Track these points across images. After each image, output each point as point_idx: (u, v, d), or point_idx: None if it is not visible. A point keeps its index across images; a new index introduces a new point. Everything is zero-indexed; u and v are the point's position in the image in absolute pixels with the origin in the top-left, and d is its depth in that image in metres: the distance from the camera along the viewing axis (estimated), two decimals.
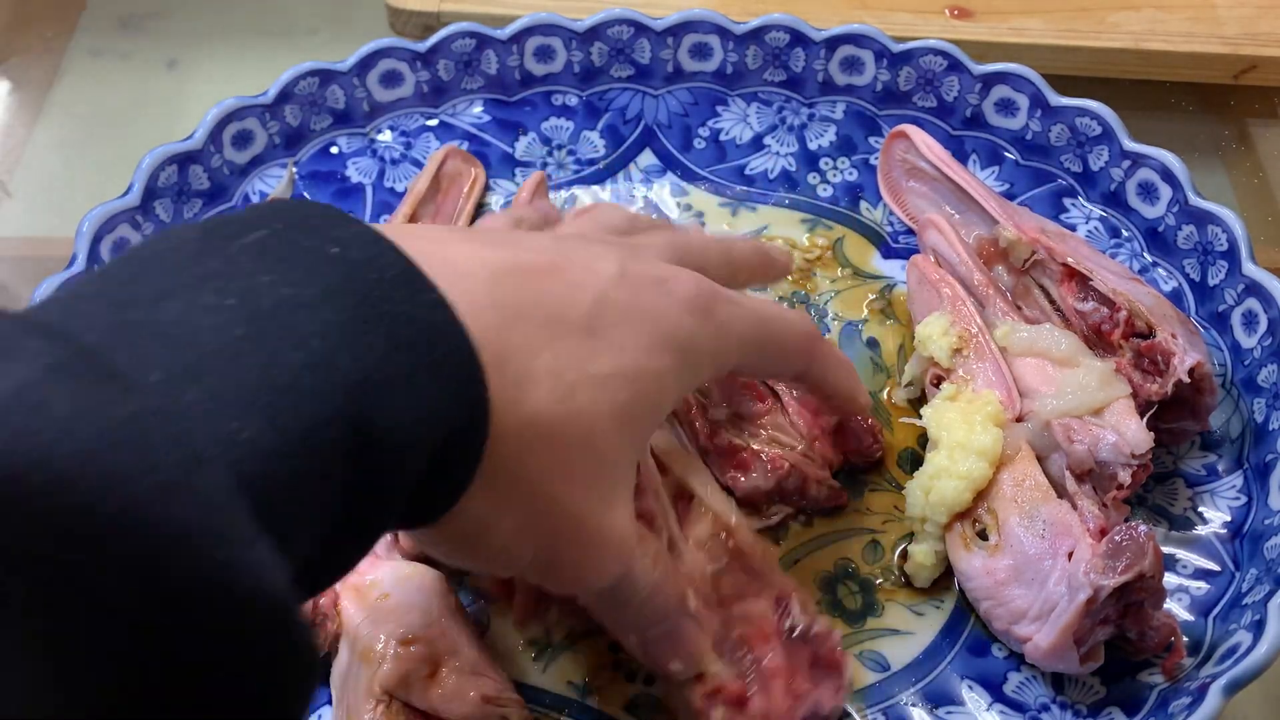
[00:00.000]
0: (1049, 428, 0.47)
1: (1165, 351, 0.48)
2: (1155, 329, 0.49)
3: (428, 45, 0.62)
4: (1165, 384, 0.48)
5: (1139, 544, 0.43)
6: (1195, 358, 0.48)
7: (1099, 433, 0.46)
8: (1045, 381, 0.49)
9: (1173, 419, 0.50)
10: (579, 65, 0.63)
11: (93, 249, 0.54)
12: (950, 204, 0.58)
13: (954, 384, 0.50)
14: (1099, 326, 0.50)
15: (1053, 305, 0.52)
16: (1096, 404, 0.47)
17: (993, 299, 0.52)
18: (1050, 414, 0.47)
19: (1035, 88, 0.60)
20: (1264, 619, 0.44)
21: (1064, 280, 0.51)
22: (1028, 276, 0.53)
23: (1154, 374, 0.48)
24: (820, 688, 0.45)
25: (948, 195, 0.58)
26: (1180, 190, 0.56)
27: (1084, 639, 0.44)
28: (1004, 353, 0.50)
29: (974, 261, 0.54)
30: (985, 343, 0.50)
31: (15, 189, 0.70)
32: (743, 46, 0.63)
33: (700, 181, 0.63)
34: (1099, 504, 0.46)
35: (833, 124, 0.64)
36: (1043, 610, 0.44)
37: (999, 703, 0.48)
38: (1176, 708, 0.44)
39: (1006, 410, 0.48)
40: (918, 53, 0.61)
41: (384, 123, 0.63)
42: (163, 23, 0.78)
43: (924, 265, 0.55)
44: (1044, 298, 0.52)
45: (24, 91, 0.74)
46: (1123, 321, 0.50)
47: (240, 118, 0.60)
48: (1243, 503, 0.51)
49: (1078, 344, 0.49)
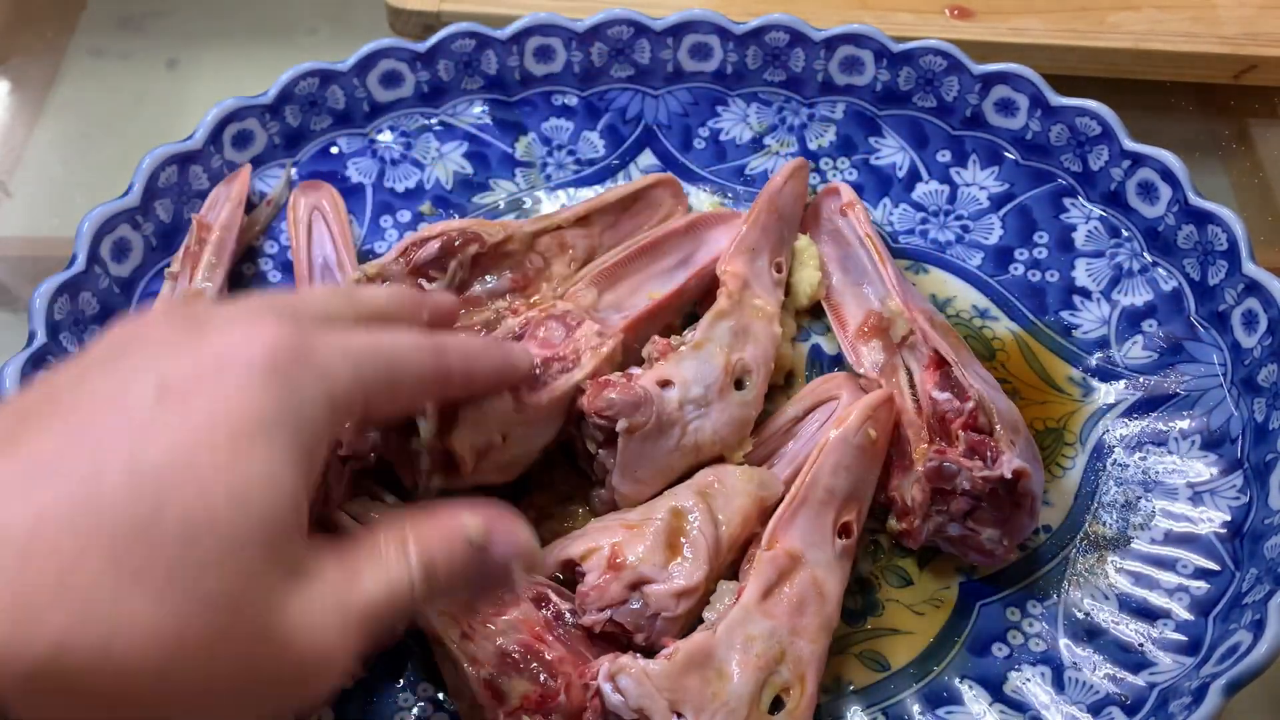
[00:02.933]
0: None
1: (995, 450, 0.48)
2: (995, 429, 0.49)
3: (428, 45, 0.62)
4: (989, 473, 0.47)
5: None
6: (1023, 465, 0.47)
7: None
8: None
9: (981, 522, 0.49)
10: (579, 65, 0.63)
11: (93, 249, 0.54)
12: (855, 271, 0.58)
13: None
14: (944, 415, 0.50)
15: (911, 389, 0.52)
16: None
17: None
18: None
19: (1035, 88, 0.60)
20: (1264, 619, 0.44)
21: (929, 366, 0.52)
22: (898, 356, 0.54)
23: (983, 465, 0.48)
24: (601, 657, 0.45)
25: (858, 261, 0.58)
26: (1180, 190, 0.56)
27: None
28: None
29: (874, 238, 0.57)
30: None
31: (15, 189, 0.70)
32: (743, 47, 0.63)
33: (700, 182, 0.63)
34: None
35: (833, 124, 0.64)
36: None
37: (999, 702, 0.48)
38: (1176, 707, 0.44)
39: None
40: (918, 53, 0.61)
41: (384, 123, 0.63)
42: (163, 23, 0.78)
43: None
44: (906, 380, 0.53)
45: (24, 91, 0.74)
46: (967, 413, 0.49)
47: (240, 118, 0.60)
48: (1243, 502, 0.51)
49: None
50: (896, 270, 0.57)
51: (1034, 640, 0.49)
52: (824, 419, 0.53)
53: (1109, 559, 0.51)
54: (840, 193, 0.59)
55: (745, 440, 0.52)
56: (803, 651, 0.45)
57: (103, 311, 0.55)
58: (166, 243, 0.58)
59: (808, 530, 0.48)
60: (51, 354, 0.52)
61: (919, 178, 0.62)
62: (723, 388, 0.51)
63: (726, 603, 0.46)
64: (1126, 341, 0.57)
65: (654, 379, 0.50)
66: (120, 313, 0.56)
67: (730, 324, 0.53)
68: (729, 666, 0.43)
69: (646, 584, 0.46)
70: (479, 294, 0.54)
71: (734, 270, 0.55)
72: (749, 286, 0.55)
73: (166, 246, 0.58)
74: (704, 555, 0.46)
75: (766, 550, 0.47)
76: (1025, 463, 0.47)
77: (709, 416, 0.50)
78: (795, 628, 0.45)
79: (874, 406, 0.50)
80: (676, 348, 0.52)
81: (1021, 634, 0.50)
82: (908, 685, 0.48)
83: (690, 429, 0.50)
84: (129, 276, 0.57)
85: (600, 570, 0.46)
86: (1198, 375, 0.55)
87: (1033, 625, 0.50)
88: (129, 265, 0.57)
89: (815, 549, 0.47)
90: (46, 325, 0.52)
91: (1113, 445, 0.54)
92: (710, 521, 0.47)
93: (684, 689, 0.42)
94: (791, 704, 0.44)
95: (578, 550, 0.47)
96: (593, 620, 0.46)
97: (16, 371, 0.50)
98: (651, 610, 0.45)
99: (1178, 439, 0.54)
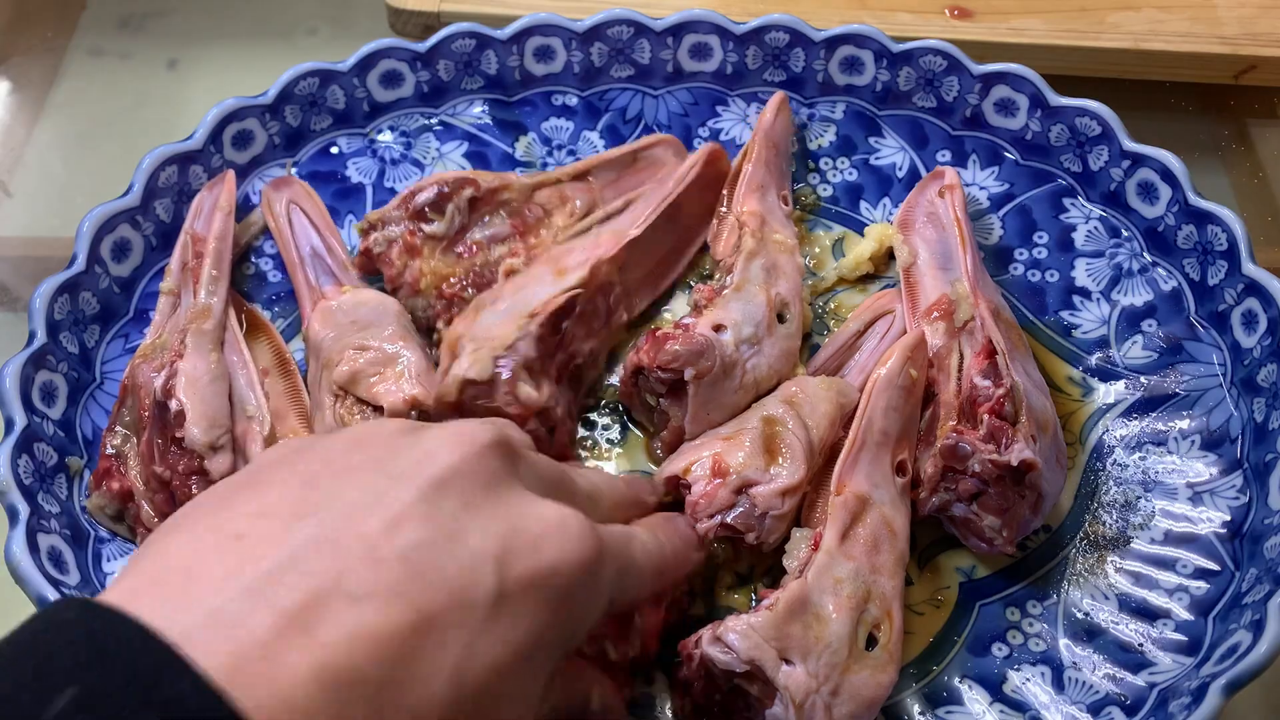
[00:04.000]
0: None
1: (1011, 438, 0.48)
2: (1020, 420, 0.49)
3: (428, 45, 0.62)
4: (997, 457, 0.47)
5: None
6: (1033, 457, 0.47)
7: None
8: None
9: (986, 508, 0.49)
10: (579, 65, 0.63)
11: (93, 249, 0.54)
12: (941, 253, 0.58)
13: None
14: (976, 399, 0.50)
15: (959, 374, 0.53)
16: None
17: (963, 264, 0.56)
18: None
19: (1035, 88, 0.60)
20: (1263, 619, 0.44)
21: (980, 353, 0.52)
22: (957, 340, 0.54)
23: (995, 449, 0.48)
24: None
25: (946, 244, 0.58)
26: (1180, 190, 0.56)
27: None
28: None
29: (966, 225, 0.57)
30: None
31: (15, 189, 0.70)
32: (743, 47, 0.63)
33: None
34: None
35: (833, 124, 0.64)
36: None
37: (999, 702, 0.48)
38: (1176, 707, 0.44)
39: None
40: (917, 53, 0.61)
41: (384, 123, 0.63)
42: (163, 23, 0.78)
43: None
44: (956, 363, 0.53)
45: (24, 91, 0.75)
46: (995, 398, 0.49)
47: (240, 118, 0.60)
48: (1242, 502, 0.51)
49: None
50: (976, 259, 0.57)
51: (1034, 640, 0.49)
52: (884, 330, 0.57)
53: (1109, 559, 0.51)
54: (945, 175, 0.60)
55: (797, 366, 0.55)
56: (885, 588, 0.47)
57: (103, 311, 0.55)
58: (166, 243, 0.58)
59: (871, 472, 0.49)
60: (51, 354, 0.52)
61: (919, 178, 0.62)
62: (770, 324, 0.54)
63: (804, 549, 0.48)
64: (1126, 341, 0.57)
65: (708, 325, 0.52)
66: (120, 312, 0.56)
67: (761, 261, 0.56)
68: (825, 610, 0.45)
69: (752, 486, 0.48)
70: (480, 239, 0.56)
71: (751, 209, 0.58)
72: (766, 223, 0.57)
73: (166, 246, 0.58)
74: (801, 455, 0.49)
75: (836, 495, 0.48)
76: (1038, 457, 0.47)
77: (762, 353, 0.53)
78: (875, 566, 0.47)
79: (911, 347, 0.52)
80: (719, 291, 0.54)
81: (1021, 634, 0.50)
82: (908, 685, 0.48)
83: (749, 367, 0.53)
84: (129, 276, 0.57)
85: (705, 479, 0.48)
86: (1197, 375, 0.55)
87: (1033, 625, 0.50)
88: (129, 265, 0.57)
89: (879, 489, 0.49)
90: (46, 325, 0.52)
91: (1112, 445, 0.54)
92: (801, 426, 0.50)
93: (789, 636, 0.44)
94: (884, 638, 0.46)
95: (679, 465, 0.50)
96: (706, 527, 0.48)
97: (16, 371, 0.50)
98: (760, 509, 0.48)
99: (1177, 439, 0.54)
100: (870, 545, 0.47)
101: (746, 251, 0.56)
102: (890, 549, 0.48)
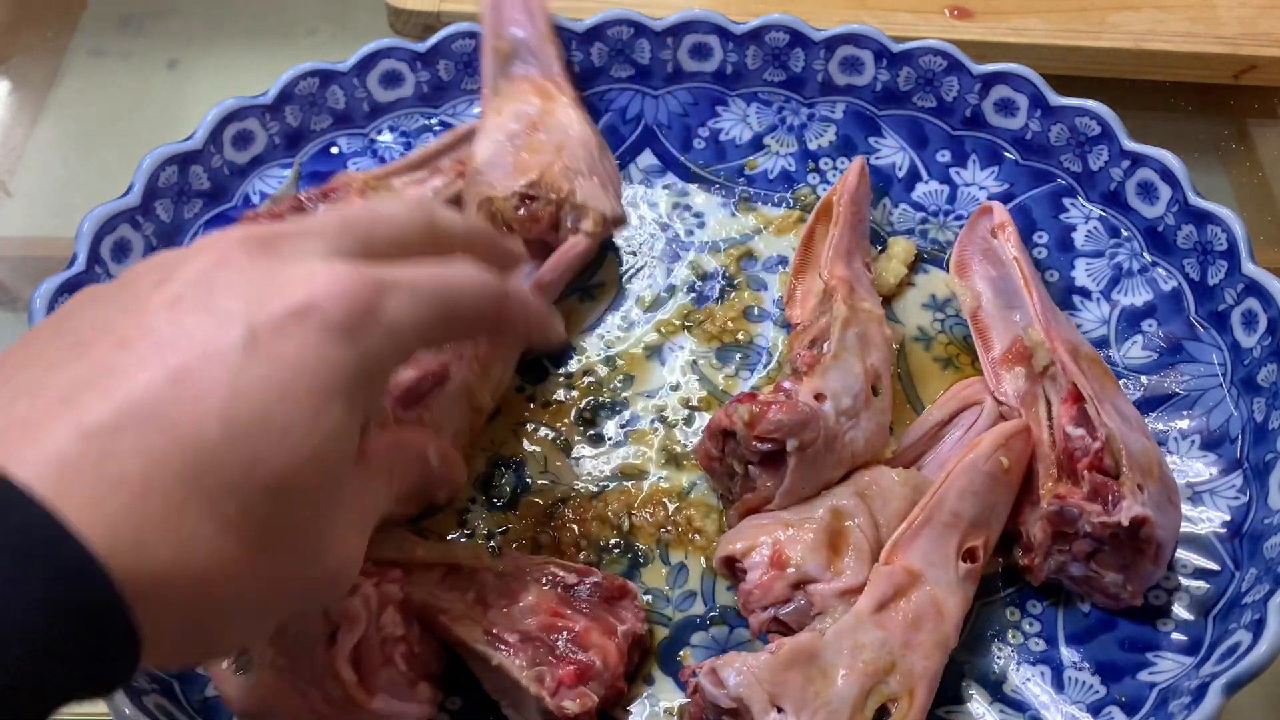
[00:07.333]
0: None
1: (1118, 494, 0.46)
2: (1122, 471, 0.47)
3: (428, 45, 0.62)
4: (1106, 519, 0.46)
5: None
6: (1143, 512, 0.46)
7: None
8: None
9: (1104, 565, 0.48)
10: (579, 65, 0.63)
11: (93, 249, 0.54)
12: (1006, 293, 0.56)
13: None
14: (1072, 452, 0.49)
15: (1049, 422, 0.51)
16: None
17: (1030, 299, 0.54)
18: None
19: (1035, 88, 0.60)
20: (1264, 618, 0.44)
21: (1066, 400, 0.50)
22: (1040, 385, 0.52)
23: (1103, 510, 0.47)
24: (623, 613, 0.47)
25: (1010, 284, 0.56)
26: (1180, 190, 0.56)
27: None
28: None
29: (1026, 262, 0.55)
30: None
31: (15, 189, 0.70)
32: (742, 47, 0.63)
33: (700, 182, 0.63)
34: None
35: (832, 124, 0.64)
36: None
37: (999, 702, 0.48)
38: (1176, 707, 0.44)
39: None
40: (917, 53, 0.61)
41: (384, 123, 0.63)
42: (163, 23, 0.78)
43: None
44: (1045, 411, 0.51)
45: (24, 91, 0.75)
46: (1093, 453, 0.48)
47: (240, 118, 0.60)
48: (1242, 502, 0.51)
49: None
50: (1043, 297, 0.54)
51: (1034, 640, 0.49)
52: (970, 422, 0.53)
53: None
54: (993, 213, 0.57)
55: (888, 444, 0.52)
56: (914, 666, 0.45)
57: None
58: (166, 243, 0.58)
59: (929, 550, 0.47)
60: None
61: (919, 178, 0.62)
62: (867, 397, 0.51)
63: (839, 611, 0.46)
64: (1126, 341, 0.57)
65: (810, 393, 0.49)
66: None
67: (855, 330, 0.52)
68: (834, 670, 0.43)
69: (811, 583, 0.47)
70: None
71: (840, 275, 0.55)
72: (855, 290, 0.55)
73: (166, 246, 0.58)
74: (867, 556, 0.47)
75: (884, 565, 0.47)
76: (1149, 510, 0.46)
77: (859, 426, 0.50)
78: (909, 642, 0.45)
79: (1008, 435, 0.49)
80: (819, 359, 0.51)
81: (1021, 634, 0.50)
82: None
83: (847, 440, 0.50)
84: None
85: (763, 568, 0.47)
86: (1197, 375, 0.55)
87: (1033, 625, 0.50)
88: (129, 265, 0.57)
89: (935, 569, 0.47)
90: None
91: None
92: (871, 523, 0.48)
93: (785, 683, 0.43)
94: (898, 715, 0.44)
95: (739, 548, 0.48)
96: (759, 621, 0.47)
97: None
98: (816, 609, 0.46)
99: (1177, 439, 0.54)
100: (910, 621, 0.45)
101: (841, 319, 0.52)
102: (933, 630, 0.45)
